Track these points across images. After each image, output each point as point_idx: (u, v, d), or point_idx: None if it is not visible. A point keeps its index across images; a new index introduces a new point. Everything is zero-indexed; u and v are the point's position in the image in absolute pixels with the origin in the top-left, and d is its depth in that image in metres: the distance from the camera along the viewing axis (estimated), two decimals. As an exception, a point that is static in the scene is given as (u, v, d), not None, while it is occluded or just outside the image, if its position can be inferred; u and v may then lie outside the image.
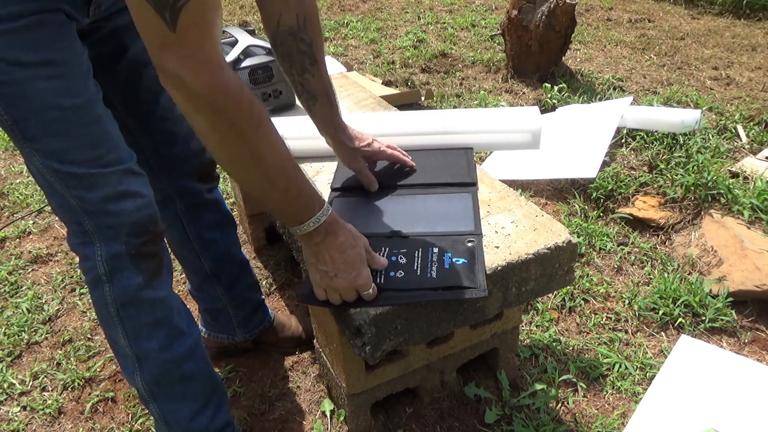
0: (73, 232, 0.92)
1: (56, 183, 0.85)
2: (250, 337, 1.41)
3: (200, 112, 0.69)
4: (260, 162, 0.75)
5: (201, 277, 1.29)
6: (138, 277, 0.92)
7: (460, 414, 1.26)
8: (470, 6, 4.60)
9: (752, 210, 1.75)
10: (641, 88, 2.93)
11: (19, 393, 1.39)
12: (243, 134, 0.71)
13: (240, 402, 1.33)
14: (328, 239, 0.83)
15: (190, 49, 0.65)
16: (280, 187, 0.78)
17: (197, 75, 0.66)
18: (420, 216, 1.01)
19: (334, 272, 0.83)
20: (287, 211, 0.81)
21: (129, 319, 0.94)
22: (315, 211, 0.81)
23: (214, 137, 0.72)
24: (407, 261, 0.91)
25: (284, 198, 0.79)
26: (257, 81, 1.30)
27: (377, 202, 1.07)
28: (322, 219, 0.81)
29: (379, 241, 0.95)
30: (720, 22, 4.05)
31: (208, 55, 0.66)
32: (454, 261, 0.90)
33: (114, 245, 0.89)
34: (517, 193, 1.11)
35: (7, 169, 2.44)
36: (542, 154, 2.16)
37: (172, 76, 0.66)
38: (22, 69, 0.76)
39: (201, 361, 1.04)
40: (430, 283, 0.86)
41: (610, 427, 1.22)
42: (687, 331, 1.47)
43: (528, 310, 1.55)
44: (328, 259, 0.83)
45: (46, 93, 0.79)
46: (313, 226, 0.81)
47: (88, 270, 0.93)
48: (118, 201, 0.87)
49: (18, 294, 1.72)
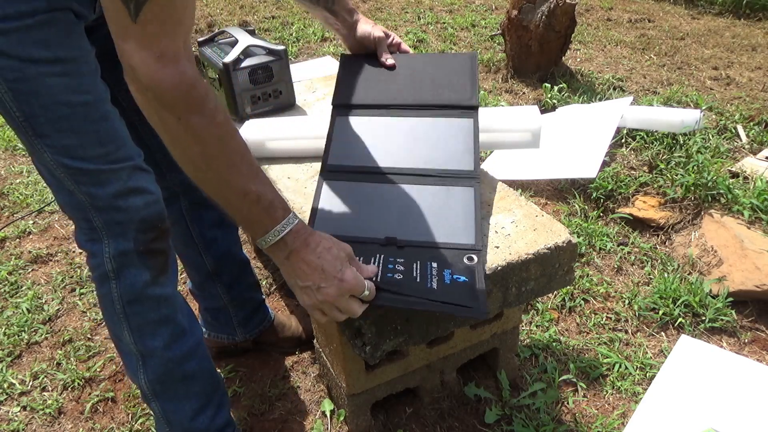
0: (81, 229, 0.92)
1: (66, 179, 0.85)
2: (250, 336, 1.41)
3: (150, 106, 0.69)
4: (213, 162, 0.73)
5: (202, 275, 1.29)
6: (145, 274, 0.92)
7: (460, 414, 1.26)
8: (470, 6, 4.60)
9: (752, 210, 1.75)
10: (641, 88, 2.93)
11: (19, 393, 1.39)
12: (192, 131, 0.70)
13: (240, 402, 1.33)
14: (298, 249, 0.77)
15: (146, 41, 0.66)
16: (237, 191, 0.74)
17: (148, 67, 0.66)
18: (417, 217, 0.95)
19: (317, 284, 0.77)
20: (248, 218, 0.77)
21: (135, 316, 0.95)
22: (279, 219, 0.76)
23: (164, 133, 0.71)
24: (405, 269, 0.86)
25: (242, 203, 0.75)
26: (257, 81, 1.30)
27: (370, 190, 0.99)
28: (287, 227, 0.76)
29: (371, 248, 0.89)
30: (720, 22, 4.05)
31: (164, 49, 0.66)
32: (454, 278, 0.85)
33: (122, 242, 0.90)
34: (517, 193, 1.11)
35: (7, 169, 2.44)
36: (542, 154, 2.16)
37: (126, 67, 0.67)
38: (34, 66, 0.77)
39: (203, 361, 1.04)
40: (429, 293, 0.81)
41: (610, 427, 1.22)
42: (687, 331, 1.47)
43: (528, 310, 1.55)
44: (306, 270, 0.77)
45: (58, 90, 0.79)
46: (278, 236, 0.76)
47: (96, 267, 0.93)
48: (128, 197, 0.88)
49: (18, 294, 1.72)
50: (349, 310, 0.79)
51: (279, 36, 3.85)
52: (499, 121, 1.17)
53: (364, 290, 0.79)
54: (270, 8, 4.45)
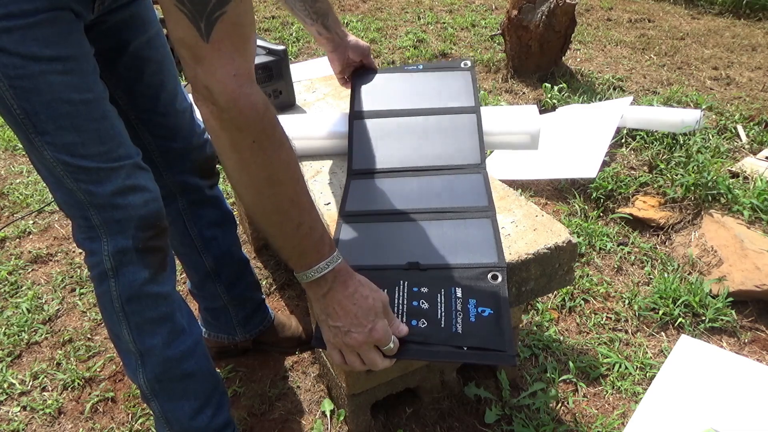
0: (79, 227, 0.92)
1: (65, 177, 0.85)
2: (250, 336, 1.41)
3: (225, 129, 0.67)
4: (277, 188, 0.72)
5: (201, 275, 1.29)
6: (144, 272, 0.92)
7: (460, 414, 1.26)
8: (470, 6, 4.60)
9: (752, 210, 1.75)
10: (641, 88, 2.93)
11: (19, 393, 1.39)
12: (264, 154, 0.69)
13: (240, 402, 1.33)
14: (337, 289, 0.77)
15: (221, 61, 0.64)
16: (293, 221, 0.74)
17: (225, 87, 0.64)
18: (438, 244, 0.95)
19: (347, 327, 0.77)
20: (295, 250, 0.76)
21: (133, 314, 0.95)
22: (325, 256, 0.76)
23: (235, 157, 0.70)
24: (429, 307, 0.85)
25: (295, 234, 0.74)
26: (257, 81, 1.30)
27: (389, 228, 1.00)
28: (331, 265, 0.76)
29: (395, 274, 0.89)
30: (720, 22, 4.05)
31: (238, 68, 0.65)
32: (479, 311, 0.84)
33: (121, 239, 0.90)
34: (517, 193, 1.11)
35: (7, 169, 2.44)
36: (542, 154, 2.16)
37: (201, 87, 0.66)
38: (36, 63, 0.77)
39: (202, 360, 1.04)
40: (454, 339, 0.81)
41: (610, 427, 1.22)
42: (687, 331, 1.47)
43: (528, 310, 1.55)
44: (339, 312, 0.77)
45: (59, 87, 0.80)
46: (320, 273, 0.75)
47: (94, 265, 0.93)
48: (127, 195, 0.88)
49: (18, 294, 1.72)
50: (371, 361, 0.78)
51: (279, 36, 3.85)
52: (497, 123, 1.17)
53: (390, 344, 0.78)
54: (270, 8, 4.45)
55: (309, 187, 1.12)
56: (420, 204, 1.02)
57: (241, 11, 0.64)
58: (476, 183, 1.05)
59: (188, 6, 0.62)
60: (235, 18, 0.63)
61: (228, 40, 0.64)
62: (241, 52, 0.66)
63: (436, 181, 1.07)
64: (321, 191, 1.12)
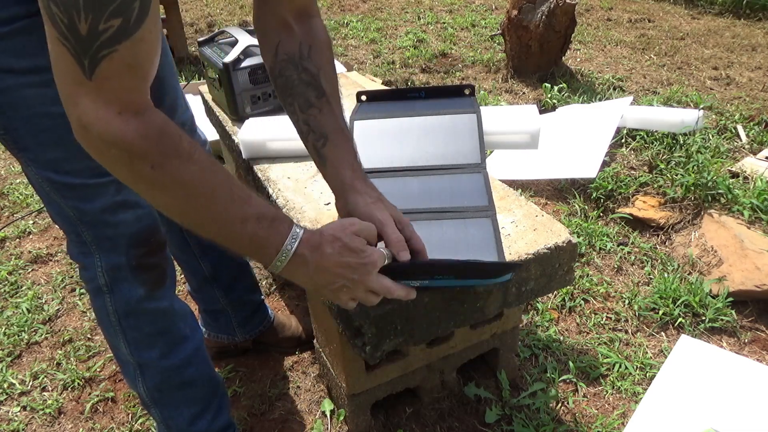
0: (72, 242, 0.90)
1: (53, 193, 0.83)
2: (250, 337, 1.41)
3: (117, 162, 0.60)
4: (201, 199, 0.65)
5: (200, 279, 1.29)
6: (139, 289, 0.90)
7: (460, 414, 1.26)
8: (470, 6, 4.60)
9: (752, 210, 1.75)
10: (641, 88, 2.93)
11: (19, 393, 1.39)
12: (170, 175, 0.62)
13: (240, 402, 1.33)
14: (318, 260, 0.70)
15: (104, 98, 0.57)
16: (235, 221, 0.66)
17: (108, 125, 0.57)
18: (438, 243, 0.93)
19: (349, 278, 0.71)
20: (255, 243, 0.68)
21: (130, 329, 0.93)
22: (285, 233, 0.69)
23: (141, 186, 0.63)
24: None
25: (244, 231, 0.67)
26: (257, 81, 1.30)
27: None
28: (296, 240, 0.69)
29: None
30: (720, 22, 4.05)
31: (126, 105, 0.58)
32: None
33: (113, 256, 0.87)
34: (517, 193, 1.11)
35: (7, 169, 2.44)
36: (542, 154, 2.16)
37: (77, 126, 0.59)
38: (12, 76, 0.73)
39: (202, 365, 1.04)
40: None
41: (610, 427, 1.22)
42: (687, 331, 1.47)
43: (528, 310, 1.55)
44: (335, 272, 0.71)
45: (35, 101, 0.75)
46: (291, 249, 0.69)
47: (89, 280, 0.91)
48: (117, 212, 0.84)
49: (18, 294, 1.72)
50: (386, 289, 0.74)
51: (279, 36, 3.84)
52: (497, 123, 1.17)
53: (385, 259, 0.74)
54: (270, 8, 4.45)
55: (309, 187, 1.12)
56: (420, 204, 1.02)
57: (138, 52, 0.57)
58: (476, 183, 1.05)
59: (71, 42, 0.54)
60: (130, 59, 0.56)
61: (116, 79, 0.56)
62: (131, 88, 0.58)
63: (436, 180, 1.07)
64: (321, 191, 1.12)
